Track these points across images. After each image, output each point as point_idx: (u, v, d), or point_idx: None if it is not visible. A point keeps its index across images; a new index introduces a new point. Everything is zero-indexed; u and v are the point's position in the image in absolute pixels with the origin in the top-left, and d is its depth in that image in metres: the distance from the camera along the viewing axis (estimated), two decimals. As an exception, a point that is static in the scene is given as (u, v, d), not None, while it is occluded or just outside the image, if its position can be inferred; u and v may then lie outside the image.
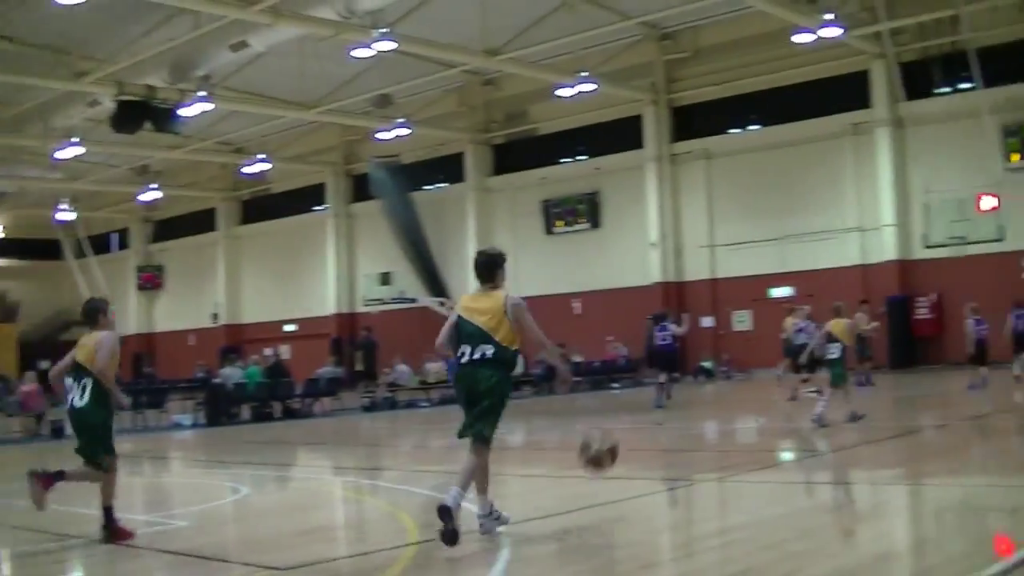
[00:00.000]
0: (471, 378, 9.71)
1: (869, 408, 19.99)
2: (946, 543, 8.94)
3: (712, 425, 22.25)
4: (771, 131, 42.67)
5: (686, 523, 11.08)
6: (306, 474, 17.87)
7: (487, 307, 9.92)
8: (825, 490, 12.63)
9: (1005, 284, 35.71)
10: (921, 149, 37.53)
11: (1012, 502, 10.57)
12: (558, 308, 46.64)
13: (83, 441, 10.52)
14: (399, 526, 11.15)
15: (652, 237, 44.67)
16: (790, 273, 41.61)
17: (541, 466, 16.48)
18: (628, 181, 45.83)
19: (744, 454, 16.90)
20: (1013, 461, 14.16)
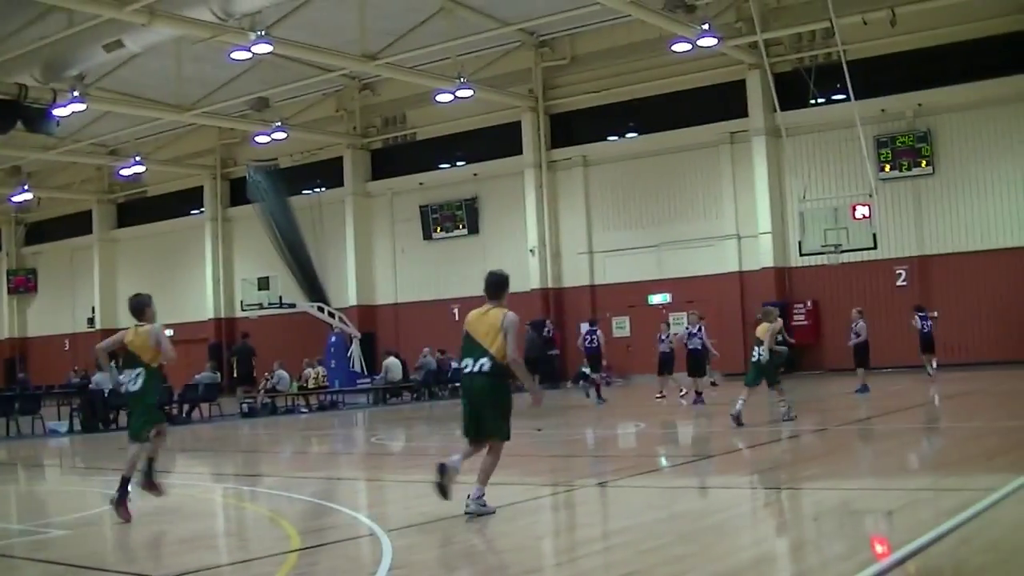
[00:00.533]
0: (472, 388, 11.14)
1: (747, 414, 20.20)
2: (825, 545, 9.06)
3: (592, 431, 22.35)
4: (649, 139, 43.03)
5: (568, 528, 11.10)
6: (185, 481, 17.55)
7: (487, 324, 11.16)
8: (705, 494, 12.74)
9: (879, 291, 36.55)
10: (797, 158, 38.15)
11: (889, 504, 10.75)
12: (437, 314, 46.57)
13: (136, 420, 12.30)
14: (280, 533, 11.01)
15: (531, 243, 44.80)
16: (668, 280, 42.09)
17: (422, 472, 16.38)
18: (507, 187, 45.95)
19: (625, 459, 17.00)
20: (890, 464, 14.42)
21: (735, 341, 37.43)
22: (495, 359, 11.01)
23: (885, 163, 38.15)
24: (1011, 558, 7.95)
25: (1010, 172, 36.68)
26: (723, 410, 22.18)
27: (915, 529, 8.99)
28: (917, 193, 37.97)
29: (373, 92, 49.19)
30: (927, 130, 37.66)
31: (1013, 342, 35.98)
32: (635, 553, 9.01)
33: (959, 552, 8.24)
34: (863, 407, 23.07)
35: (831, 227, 35.25)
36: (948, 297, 36.73)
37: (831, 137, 38.75)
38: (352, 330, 42.39)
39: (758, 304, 38.97)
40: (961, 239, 37.43)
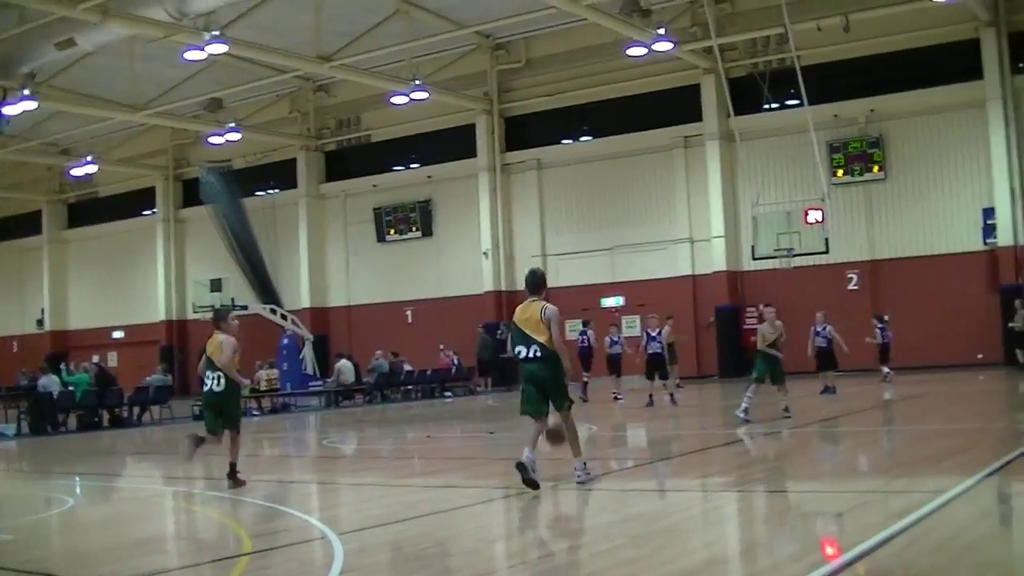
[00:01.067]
0: (530, 370, 12.79)
1: (699, 417, 20.32)
2: (776, 547, 9.11)
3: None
4: (603, 142, 43.18)
5: (520, 531, 11.11)
6: (135, 484, 17.47)
7: (529, 316, 12.74)
8: (657, 496, 12.77)
9: (831, 295, 36.75)
10: (750, 163, 38.29)
11: (839, 506, 10.83)
12: (390, 316, 46.60)
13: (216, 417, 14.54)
14: (232, 536, 10.97)
15: (484, 246, 44.83)
16: (622, 283, 42.26)
17: (373, 475, 16.37)
18: (461, 190, 45.95)
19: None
20: (841, 466, 14.52)
21: (687, 344, 37.60)
22: (544, 346, 12.60)
23: (837, 168, 38.44)
24: (959, 559, 8.02)
25: (959, 178, 37.06)
26: (682, 411, 22.24)
27: (865, 531, 9.06)
28: (869, 198, 38.29)
29: (328, 94, 49.06)
30: (879, 135, 37.98)
31: (962, 346, 36.40)
32: (588, 556, 9.04)
33: (908, 553, 8.31)
34: (817, 410, 23.19)
35: (784, 231, 35.44)
36: (898, 301, 36.99)
37: (784, 142, 38.98)
38: (304, 332, 42.22)
39: (710, 308, 39.64)
40: (911, 244, 37.78)
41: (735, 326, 39.91)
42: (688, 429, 22.05)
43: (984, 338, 36.06)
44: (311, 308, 48.50)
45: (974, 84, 36.36)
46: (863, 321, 33.15)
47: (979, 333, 36.29)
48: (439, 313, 45.67)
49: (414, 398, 39.02)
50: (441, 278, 46.30)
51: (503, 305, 43.76)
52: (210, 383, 14.52)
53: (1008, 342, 34.66)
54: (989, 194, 36.42)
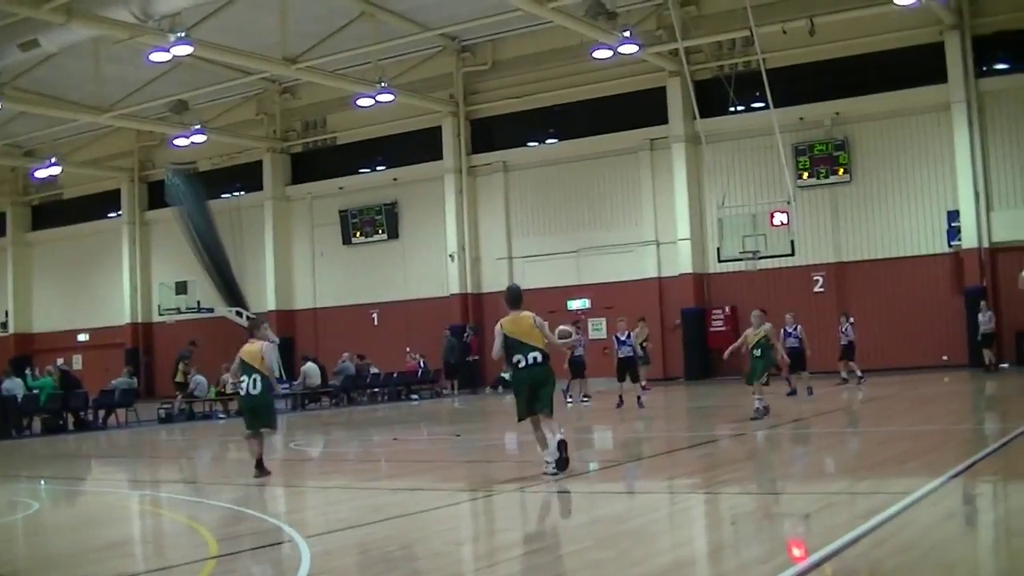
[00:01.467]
0: (533, 376, 13.79)
1: (667, 419, 20.37)
2: (743, 549, 9.14)
3: (511, 436, 22.41)
4: (569, 145, 43.20)
5: (488, 533, 11.11)
6: (101, 488, 17.37)
7: (525, 327, 13.86)
8: (624, 499, 12.79)
9: (797, 297, 36.90)
10: (716, 165, 38.41)
11: (806, 508, 10.88)
12: (356, 318, 46.51)
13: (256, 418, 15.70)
14: (198, 540, 10.91)
15: (450, 248, 44.80)
16: (588, 285, 42.27)
17: (340, 477, 16.34)
18: (427, 192, 45.92)
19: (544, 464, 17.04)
20: (807, 468, 14.58)
21: (655, 339, 37.71)
22: (543, 351, 13.83)
23: (803, 171, 38.58)
24: (924, 559, 8.07)
25: (924, 181, 37.25)
26: (649, 413, 22.27)
27: (831, 532, 9.11)
28: (834, 200, 38.44)
29: (293, 96, 48.91)
30: (844, 138, 38.14)
31: (927, 348, 36.62)
32: (554, 558, 9.05)
33: (874, 554, 8.35)
34: (783, 412, 23.28)
35: (749, 234, 35.61)
36: (864, 303, 37.14)
37: (750, 145, 39.13)
38: (270, 335, 42.08)
39: (677, 310, 39.71)
40: (877, 246, 37.95)
41: (701, 328, 39.97)
42: (656, 431, 22.10)
43: (949, 340, 36.29)
44: (277, 310, 48.31)
45: (938, 87, 36.53)
46: (830, 323, 33.34)
47: (944, 335, 36.52)
48: (405, 316, 45.62)
49: (380, 400, 38.95)
50: (407, 280, 46.24)
51: (469, 308, 43.76)
52: (247, 386, 15.70)
53: (973, 344, 34.93)
54: (953, 197, 36.59)
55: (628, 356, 27.41)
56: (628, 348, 27.44)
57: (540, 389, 13.92)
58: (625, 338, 27.55)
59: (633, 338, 28.39)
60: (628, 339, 27.63)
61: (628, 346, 27.46)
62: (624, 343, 27.43)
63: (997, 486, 11.77)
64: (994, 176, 36.29)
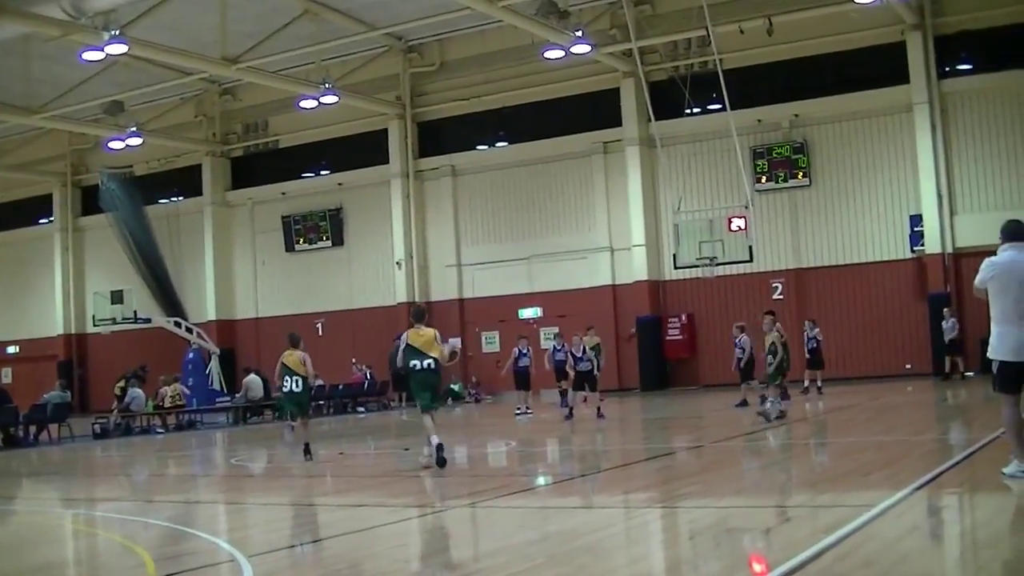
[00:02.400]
0: (425, 377, 17.61)
1: (622, 431, 20.39)
2: (701, 564, 9.12)
3: (462, 450, 22.36)
4: (520, 148, 43.33)
5: (438, 551, 11.04)
6: (32, 507, 17.16)
7: (426, 337, 17.64)
8: (578, 514, 12.75)
9: (755, 304, 37.01)
10: (672, 169, 38.61)
11: (766, 522, 10.89)
12: (300, 328, 45.88)
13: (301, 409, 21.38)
14: (135, 560, 10.78)
15: (397, 255, 44.76)
16: (540, 293, 42.38)
17: (284, 494, 16.22)
18: (373, 197, 45.92)
19: (495, 479, 17.01)
20: (767, 481, 14.61)
21: (609, 355, 37.73)
22: (435, 359, 17.52)
23: (761, 174, 38.84)
24: (889, 573, 8.08)
25: (886, 184, 37.59)
26: (604, 425, 22.24)
27: (792, 546, 9.11)
28: (794, 205, 38.72)
29: (234, 97, 48.69)
30: (803, 141, 38.43)
31: (890, 356, 36.92)
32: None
33: (837, 568, 8.35)
34: (741, 423, 23.34)
35: (706, 239, 35.64)
36: (825, 310, 37.36)
37: (707, 147, 39.39)
38: (211, 346, 41.87)
39: (631, 318, 39.78)
40: (838, 251, 38.24)
41: (657, 337, 40.12)
42: (611, 443, 22.09)
43: (913, 348, 36.64)
44: (217, 320, 48.11)
45: (900, 88, 36.88)
46: (791, 331, 33.48)
47: (908, 343, 36.86)
48: (351, 325, 45.51)
49: (326, 414, 38.73)
50: (353, 289, 46.17)
51: (418, 317, 43.68)
52: (290, 385, 21.04)
53: (938, 352, 35.20)
54: (916, 201, 36.94)
55: (587, 370, 27.61)
56: (587, 363, 27.59)
57: (433, 390, 17.93)
58: (582, 355, 27.67)
59: (588, 350, 28.45)
60: (584, 356, 27.73)
61: (587, 361, 27.61)
62: (581, 360, 27.60)
63: (963, 498, 11.82)
64: (958, 179, 36.65)
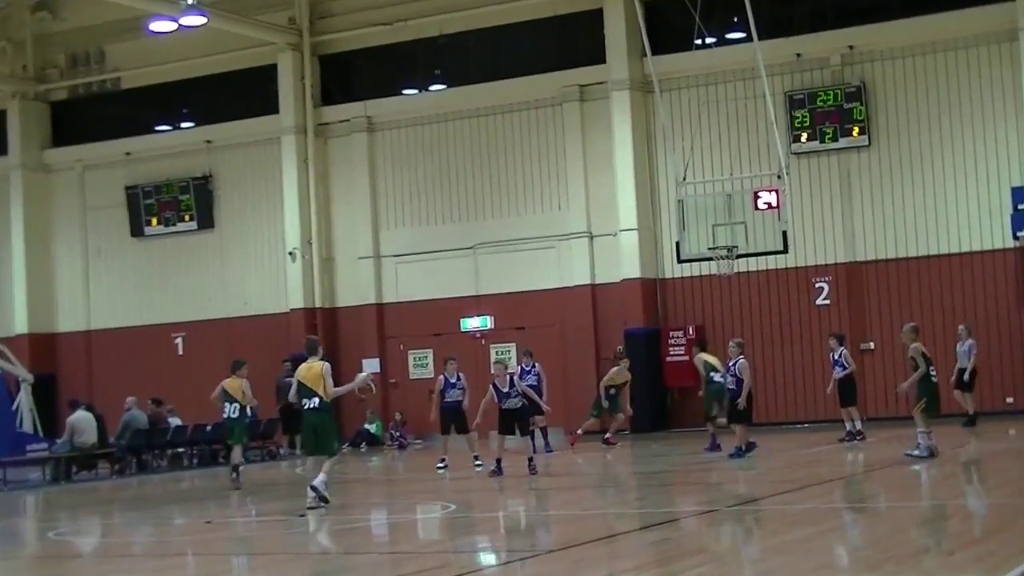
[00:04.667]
0: (309, 420, 22.28)
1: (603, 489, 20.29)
2: None
3: (379, 515, 22.35)
4: (463, 93, 43.26)
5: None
6: None
7: (312, 374, 21.97)
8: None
9: (792, 312, 37.05)
10: (676, 124, 38.50)
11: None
12: (152, 345, 46.07)
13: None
14: None
15: (291, 243, 44.59)
16: (490, 296, 42.14)
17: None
18: (256, 162, 45.86)
19: (426, 557, 16.92)
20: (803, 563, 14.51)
21: (585, 383, 37.65)
22: (322, 398, 21.87)
23: (801, 130, 38.73)
24: None
25: (974, 145, 37.40)
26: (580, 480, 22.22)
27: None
28: (845, 173, 38.64)
29: (54, 15, 48.10)
30: (860, 83, 38.34)
31: (982, 385, 36.36)
32: None
33: None
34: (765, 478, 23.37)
35: (722, 222, 35.50)
36: (888, 321, 37.33)
37: (724, 93, 39.34)
38: (20, 371, 41.57)
39: (618, 331, 39.67)
40: (907, 239, 38.10)
41: (653, 357, 40.02)
42: (589, 506, 22.12)
43: (1016, 375, 36.49)
44: (31, 335, 47.71)
45: (1002, 7, 36.70)
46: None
47: (1009, 367, 36.67)
48: (225, 341, 45.10)
49: (187, 465, 38.49)
50: (227, 289, 45.98)
51: (319, 329, 43.40)
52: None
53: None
54: (1021, 168, 37.07)
55: (516, 408, 27.40)
56: (516, 399, 27.35)
57: (320, 433, 22.23)
58: (509, 388, 27.41)
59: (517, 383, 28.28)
60: (513, 389, 27.47)
61: (516, 396, 27.37)
62: (508, 395, 27.28)
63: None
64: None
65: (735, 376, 28.14)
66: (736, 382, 27.92)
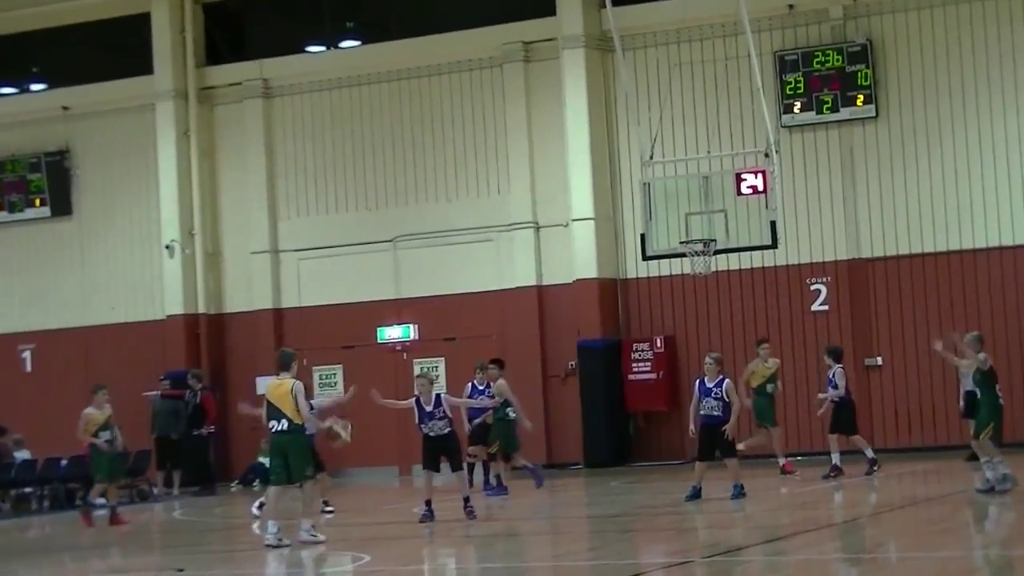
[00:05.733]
0: (276, 443, 23.46)
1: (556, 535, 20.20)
2: None
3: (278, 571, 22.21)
4: (380, 51, 43.26)
5: None
6: None
7: (280, 393, 23.02)
8: None
9: (783, 318, 37.09)
10: (641, 89, 38.49)
11: None
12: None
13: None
14: None
15: (168, 235, 44.38)
16: (414, 300, 42.09)
17: None
18: (125, 134, 45.72)
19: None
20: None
21: (529, 406, 37.55)
22: (291, 420, 22.87)
23: (794, 98, 38.82)
24: None
25: (1003, 117, 37.50)
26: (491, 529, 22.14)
27: None
28: (848, 150, 38.71)
29: None
30: (866, 41, 38.45)
31: (1009, 410, 36.32)
32: None
33: None
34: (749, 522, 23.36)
35: (697, 210, 35.53)
36: (898, 332, 37.41)
37: (700, 52, 39.36)
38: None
39: (570, 342, 39.65)
40: (925, 231, 38.14)
41: (613, 375, 40.07)
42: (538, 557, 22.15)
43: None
44: None
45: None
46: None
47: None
48: (84, 354, 45.03)
49: (36, 509, 38.27)
50: (88, 292, 45.76)
51: (202, 340, 43.31)
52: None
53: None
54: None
55: (445, 433, 27.21)
56: (441, 423, 27.13)
57: (290, 459, 23.21)
58: (432, 409, 27.21)
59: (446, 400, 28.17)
60: (438, 409, 27.28)
61: (441, 418, 27.16)
62: (432, 415, 27.05)
63: None
64: None
65: (721, 400, 28.05)
66: (723, 407, 27.88)
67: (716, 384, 27.83)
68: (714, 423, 27.79)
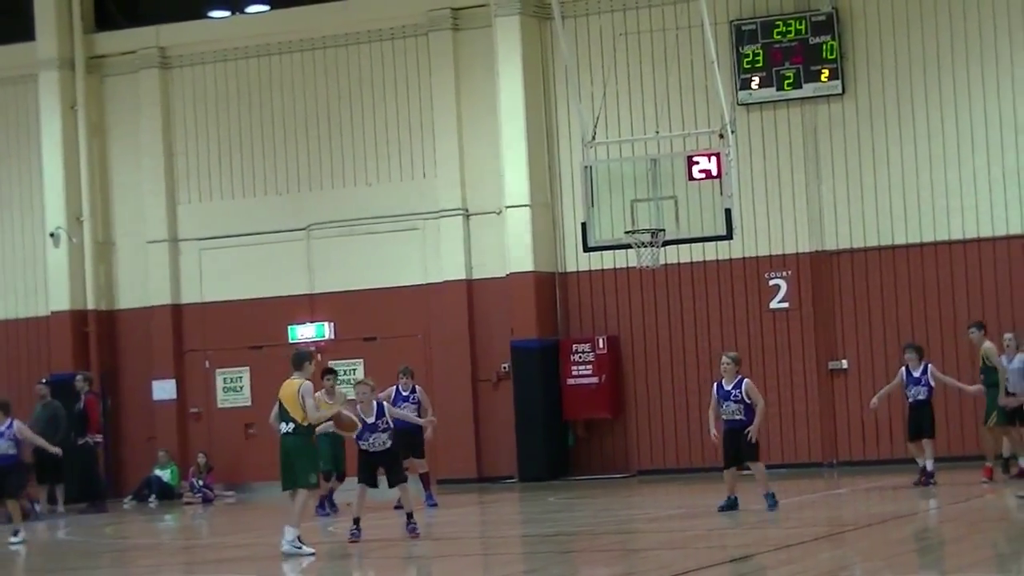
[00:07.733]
0: (283, 446, 24.40)
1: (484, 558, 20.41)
2: None
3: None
4: (290, 16, 43.49)
5: None
6: None
7: (287, 394, 24.07)
8: None
9: (739, 317, 37.37)
10: (583, 61, 38.70)
11: None
12: None
13: None
14: None
15: (53, 220, 44.44)
16: (328, 295, 42.24)
17: None
18: (2, 107, 45.86)
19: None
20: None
21: (457, 412, 37.82)
22: (299, 423, 23.98)
23: (751, 73, 39.10)
24: None
25: (987, 95, 37.81)
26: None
27: None
28: (812, 131, 38.98)
29: None
30: (832, 10, 38.69)
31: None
32: None
33: None
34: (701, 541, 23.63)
35: (644, 197, 35.80)
36: (867, 330, 37.75)
37: (648, 21, 39.54)
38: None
39: (503, 343, 39.92)
40: (896, 220, 38.40)
41: (550, 380, 40.26)
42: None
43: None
44: None
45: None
46: (798, 369, 33.84)
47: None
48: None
49: None
50: (-38, 285, 45.74)
51: (92, 339, 43.34)
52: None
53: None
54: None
55: (386, 449, 27.38)
56: (384, 436, 27.23)
57: (295, 462, 24.19)
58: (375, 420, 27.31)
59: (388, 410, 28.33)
60: (381, 421, 27.40)
61: (382, 430, 27.28)
62: (374, 428, 27.14)
63: None
64: None
65: (741, 402, 28.29)
66: (745, 409, 28.16)
67: (735, 386, 27.96)
68: (737, 427, 28.03)
